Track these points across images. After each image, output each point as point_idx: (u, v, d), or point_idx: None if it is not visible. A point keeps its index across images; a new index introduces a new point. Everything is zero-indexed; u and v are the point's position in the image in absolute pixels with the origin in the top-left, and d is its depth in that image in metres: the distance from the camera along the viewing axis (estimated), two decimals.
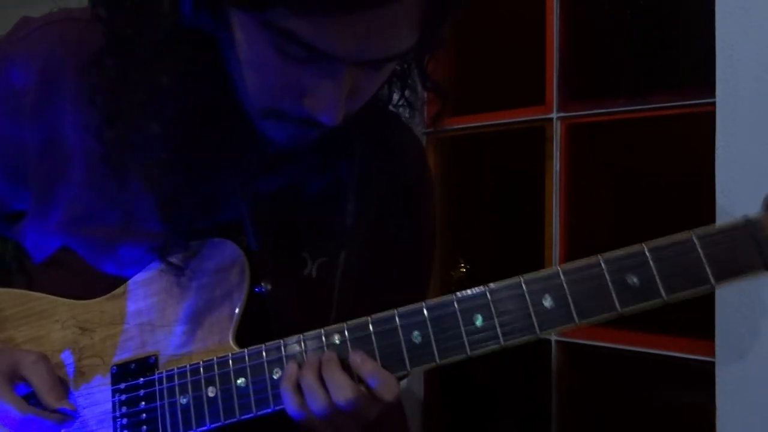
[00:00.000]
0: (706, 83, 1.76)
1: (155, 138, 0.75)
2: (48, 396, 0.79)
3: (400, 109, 0.92)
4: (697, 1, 1.84)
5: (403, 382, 0.85)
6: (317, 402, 0.72)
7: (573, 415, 2.19)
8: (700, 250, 0.69)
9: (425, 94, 0.91)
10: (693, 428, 1.93)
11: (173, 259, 0.80)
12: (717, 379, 1.73)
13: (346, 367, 0.74)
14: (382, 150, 0.91)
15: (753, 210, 0.71)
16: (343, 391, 0.72)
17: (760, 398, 1.66)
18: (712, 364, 1.74)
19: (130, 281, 0.84)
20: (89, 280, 0.84)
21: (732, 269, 0.69)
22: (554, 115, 2.19)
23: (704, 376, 1.77)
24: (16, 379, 0.80)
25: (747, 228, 0.68)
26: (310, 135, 0.79)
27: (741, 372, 1.69)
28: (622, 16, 2.12)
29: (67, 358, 0.84)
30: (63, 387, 0.82)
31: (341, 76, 0.70)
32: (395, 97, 0.90)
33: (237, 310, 0.81)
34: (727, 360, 1.71)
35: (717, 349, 1.73)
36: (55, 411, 0.79)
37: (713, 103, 1.74)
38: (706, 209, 1.72)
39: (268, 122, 0.78)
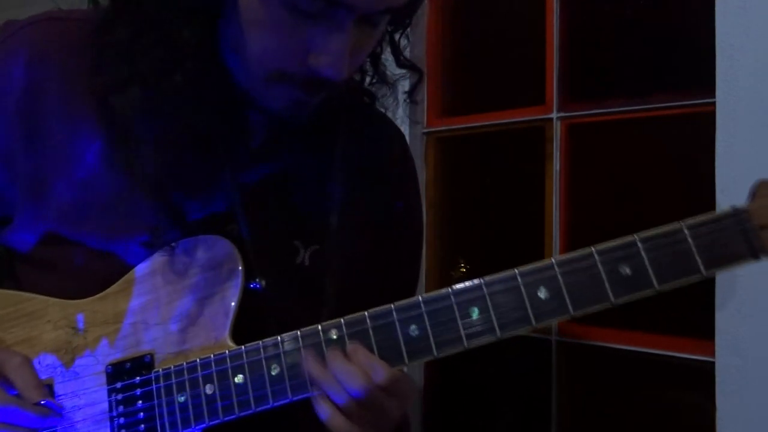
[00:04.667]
0: (706, 83, 1.76)
1: (162, 105, 0.77)
2: (31, 393, 0.77)
3: (374, 87, 0.93)
4: (697, 1, 1.84)
5: None
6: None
7: (573, 415, 2.19)
8: (690, 240, 0.70)
9: (425, 96, 0.93)
10: (693, 428, 1.93)
11: (166, 246, 0.80)
12: (717, 379, 1.73)
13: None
14: (365, 137, 0.92)
15: None
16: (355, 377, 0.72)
17: (760, 398, 1.66)
18: (712, 364, 1.74)
19: (121, 280, 0.83)
20: (80, 280, 0.83)
21: (721, 258, 0.70)
22: (554, 115, 2.19)
23: (704, 376, 1.77)
24: None
25: (735, 217, 0.70)
26: (311, 101, 0.80)
27: (741, 372, 1.69)
28: (622, 16, 2.12)
29: (61, 358, 0.82)
30: (47, 388, 0.80)
31: (347, 28, 0.73)
32: (367, 79, 0.93)
33: (232, 307, 0.80)
34: (727, 360, 1.71)
35: (717, 349, 1.73)
36: (36, 404, 0.77)
37: (713, 103, 1.74)
38: (706, 209, 1.72)
39: (271, 89, 0.78)
